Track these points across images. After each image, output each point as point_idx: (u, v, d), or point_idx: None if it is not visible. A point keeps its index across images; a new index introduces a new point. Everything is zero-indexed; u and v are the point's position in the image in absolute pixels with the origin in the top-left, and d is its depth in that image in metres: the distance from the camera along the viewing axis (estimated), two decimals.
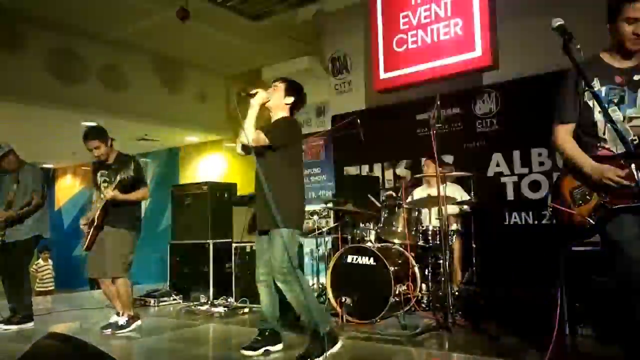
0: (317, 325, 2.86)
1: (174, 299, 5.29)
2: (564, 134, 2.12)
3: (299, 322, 3.22)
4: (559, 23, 1.87)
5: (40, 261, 9.38)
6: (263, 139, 2.88)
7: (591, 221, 2.00)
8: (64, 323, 4.41)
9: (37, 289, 9.16)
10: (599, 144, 2.02)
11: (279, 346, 3.10)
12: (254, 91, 2.96)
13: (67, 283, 10.03)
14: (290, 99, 3.08)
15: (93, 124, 7.96)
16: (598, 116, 2.01)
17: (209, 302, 4.88)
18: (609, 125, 1.93)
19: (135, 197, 3.99)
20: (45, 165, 12.70)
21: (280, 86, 3.09)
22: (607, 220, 1.95)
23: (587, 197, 2.02)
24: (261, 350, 2.99)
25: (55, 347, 1.59)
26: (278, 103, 3.07)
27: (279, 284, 2.91)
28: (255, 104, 2.95)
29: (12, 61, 6.24)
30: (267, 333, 3.07)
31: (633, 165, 1.89)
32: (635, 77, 2.01)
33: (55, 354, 1.53)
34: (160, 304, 5.17)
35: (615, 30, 2.02)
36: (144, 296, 5.38)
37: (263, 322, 3.10)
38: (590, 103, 2.03)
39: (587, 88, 1.97)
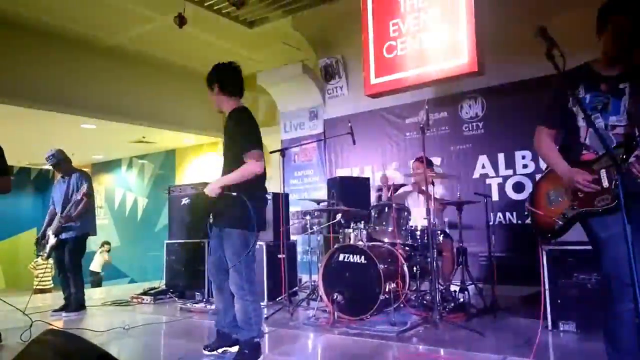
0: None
1: (170, 297, 5.41)
2: (544, 136, 2.19)
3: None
4: (542, 29, 1.88)
5: (39, 260, 9.49)
6: (258, 153, 2.76)
7: (560, 222, 2.09)
8: (62, 320, 4.53)
9: (36, 287, 9.27)
10: (582, 150, 2.07)
11: (237, 347, 2.98)
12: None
13: None
14: (216, 85, 2.96)
15: (92, 126, 8.10)
16: (581, 122, 2.06)
17: (204, 300, 4.99)
18: (591, 130, 1.99)
19: None
20: (44, 167, 12.78)
21: (208, 89, 2.99)
22: (590, 220, 2.02)
23: (560, 199, 2.11)
24: (220, 350, 3.00)
25: (53, 342, 1.65)
26: (217, 101, 2.99)
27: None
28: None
29: (11, 64, 6.34)
30: (223, 333, 3.03)
31: (603, 171, 1.96)
32: (621, 86, 2.03)
33: (53, 350, 1.59)
34: (157, 301, 5.28)
35: (603, 40, 2.05)
36: (141, 294, 5.49)
37: (218, 322, 3.05)
38: (575, 109, 2.07)
39: (570, 94, 2.03)
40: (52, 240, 4.69)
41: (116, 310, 5.01)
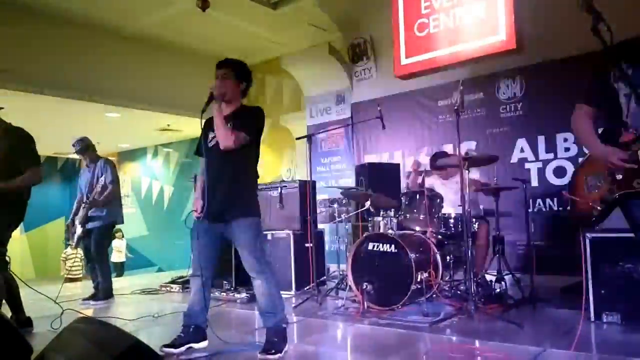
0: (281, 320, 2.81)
1: None
2: (582, 114, 2.13)
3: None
4: (587, 2, 1.80)
5: (69, 250, 9.73)
6: (243, 138, 2.82)
7: (598, 208, 2.03)
8: (92, 308, 4.57)
9: (67, 276, 9.54)
10: (622, 128, 2.00)
11: (204, 343, 2.91)
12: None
13: None
14: (244, 84, 2.95)
15: (116, 114, 8.14)
16: (623, 99, 1.99)
17: (232, 289, 4.96)
18: (633, 107, 1.92)
19: (14, 186, 3.25)
20: (70, 156, 13.04)
21: (230, 73, 2.92)
22: (629, 204, 1.97)
23: (598, 184, 2.05)
24: (183, 348, 2.82)
25: (85, 330, 1.68)
26: (234, 92, 2.94)
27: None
28: (215, 107, 2.90)
29: (35, 54, 6.36)
30: (191, 329, 2.89)
31: None
32: None
33: (86, 337, 1.61)
34: (185, 290, 5.28)
35: None
36: (169, 283, 5.51)
37: (188, 317, 2.92)
38: (616, 86, 2.00)
39: (613, 71, 1.96)
40: (78, 230, 4.73)
41: (145, 299, 5.04)
